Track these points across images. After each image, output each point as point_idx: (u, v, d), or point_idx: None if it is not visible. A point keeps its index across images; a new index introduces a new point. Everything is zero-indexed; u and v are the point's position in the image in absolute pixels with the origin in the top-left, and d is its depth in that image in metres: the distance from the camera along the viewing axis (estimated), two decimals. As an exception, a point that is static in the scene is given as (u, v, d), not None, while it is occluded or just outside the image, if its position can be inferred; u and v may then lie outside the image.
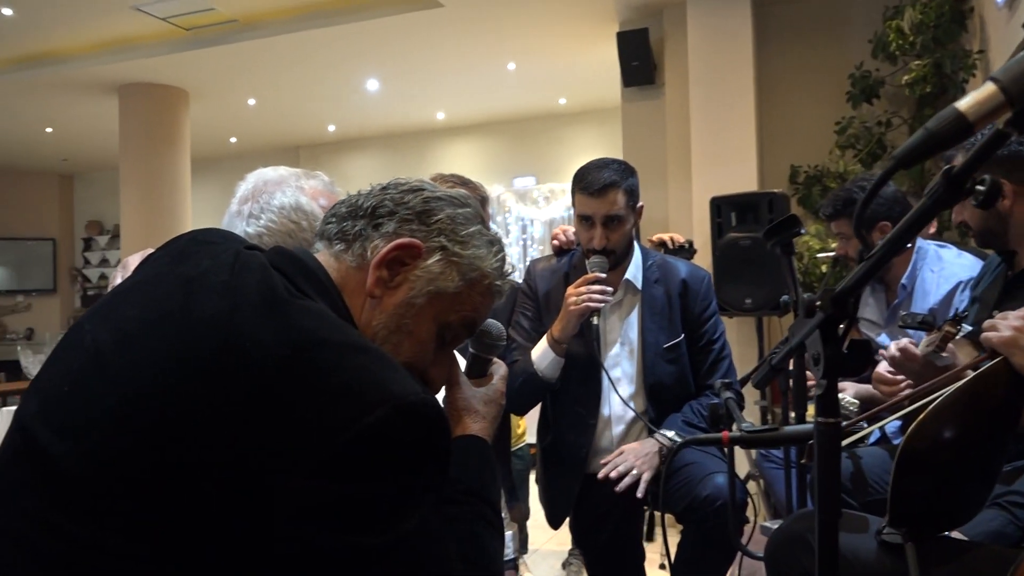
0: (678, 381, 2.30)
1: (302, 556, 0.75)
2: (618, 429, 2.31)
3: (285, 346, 0.79)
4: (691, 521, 2.05)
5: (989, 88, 0.65)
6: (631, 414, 2.29)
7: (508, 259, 1.10)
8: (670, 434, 2.17)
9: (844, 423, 1.60)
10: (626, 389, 2.29)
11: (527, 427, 3.88)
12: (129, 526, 0.75)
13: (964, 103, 0.64)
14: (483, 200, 2.31)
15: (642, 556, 2.49)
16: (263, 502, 0.74)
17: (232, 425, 0.76)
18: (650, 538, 4.13)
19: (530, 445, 3.79)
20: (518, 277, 2.64)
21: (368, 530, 0.77)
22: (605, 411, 2.30)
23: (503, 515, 2.43)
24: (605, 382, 2.28)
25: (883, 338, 2.59)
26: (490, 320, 1.20)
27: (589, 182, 2.20)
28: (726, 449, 1.92)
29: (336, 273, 0.99)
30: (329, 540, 0.76)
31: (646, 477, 2.09)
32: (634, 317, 2.33)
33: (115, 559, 0.75)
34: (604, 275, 2.18)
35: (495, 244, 1.07)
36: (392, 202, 1.02)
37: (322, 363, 0.79)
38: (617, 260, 2.26)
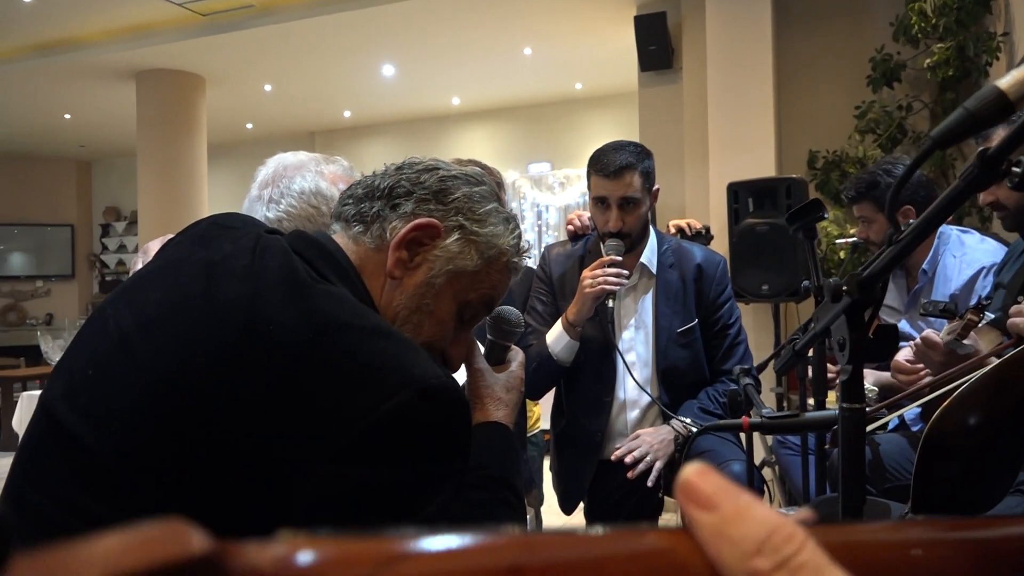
0: (692, 366, 2.29)
1: None
2: (633, 414, 2.30)
3: (307, 330, 0.79)
4: None
5: (1032, 65, 0.63)
6: (646, 399, 2.28)
7: (524, 236, 1.10)
8: (687, 421, 2.17)
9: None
10: (640, 373, 2.28)
11: (541, 413, 3.89)
12: (151, 509, 0.76)
13: (1005, 81, 0.62)
14: (499, 185, 2.30)
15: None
16: (284, 489, 0.75)
17: (254, 411, 0.76)
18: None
19: (544, 431, 3.79)
20: (535, 259, 2.63)
21: (390, 515, 0.77)
22: (620, 395, 2.30)
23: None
24: (620, 366, 2.27)
25: (903, 324, 2.56)
26: (508, 307, 1.20)
27: (605, 164, 2.18)
28: (743, 436, 1.91)
29: (355, 256, 0.99)
30: (350, 525, 0.76)
31: (658, 466, 2.09)
32: (648, 301, 2.32)
33: None
34: (620, 258, 2.17)
35: (511, 221, 1.07)
36: (409, 182, 1.02)
37: (344, 347, 0.79)
38: (633, 243, 2.25)
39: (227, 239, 0.92)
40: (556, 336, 2.24)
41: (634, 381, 2.26)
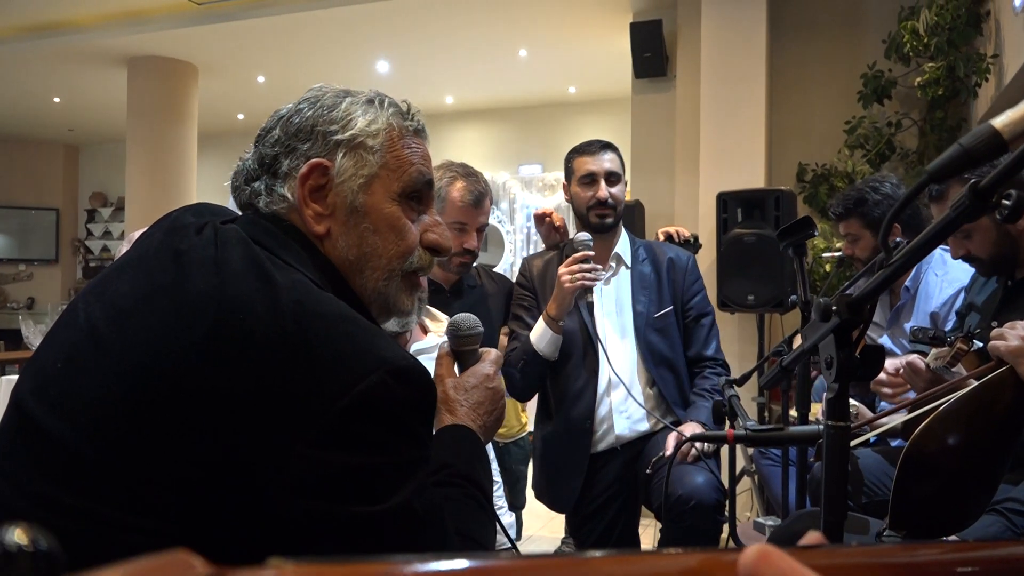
0: (669, 348, 2.39)
1: (303, 528, 0.76)
2: (617, 398, 2.37)
3: (277, 320, 0.80)
4: (667, 520, 2.08)
5: (1026, 106, 0.65)
6: (630, 382, 2.36)
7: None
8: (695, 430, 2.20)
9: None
10: (621, 358, 2.35)
11: (530, 418, 3.90)
12: (128, 501, 0.76)
13: (1000, 121, 0.64)
14: (481, 195, 2.28)
15: (637, 548, 2.51)
16: (261, 478, 0.75)
17: (228, 401, 0.76)
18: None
19: (531, 434, 3.80)
20: (515, 259, 2.66)
21: (368, 497, 0.78)
22: (603, 382, 2.37)
23: (505, 500, 2.46)
24: (603, 353, 2.34)
25: (884, 340, 2.60)
26: (459, 315, 1.20)
27: (587, 145, 2.39)
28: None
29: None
30: (331, 511, 0.77)
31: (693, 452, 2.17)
32: (625, 289, 2.43)
33: (117, 534, 0.76)
34: (592, 253, 2.25)
35: (376, 96, 1.02)
36: (270, 146, 0.99)
37: (314, 335, 0.80)
38: (615, 221, 2.39)
39: (193, 229, 0.92)
40: (540, 333, 2.31)
41: (612, 372, 2.31)
